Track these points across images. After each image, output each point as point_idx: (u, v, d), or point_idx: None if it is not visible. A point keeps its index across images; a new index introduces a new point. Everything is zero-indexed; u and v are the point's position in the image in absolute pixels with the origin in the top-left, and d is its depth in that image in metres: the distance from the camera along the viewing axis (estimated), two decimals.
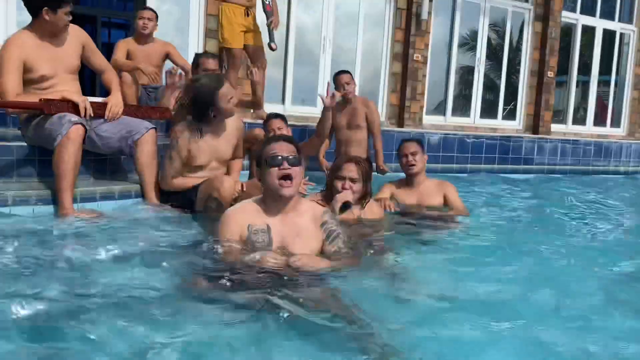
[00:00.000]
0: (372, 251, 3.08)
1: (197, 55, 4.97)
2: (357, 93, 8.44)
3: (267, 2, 5.91)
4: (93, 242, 2.90)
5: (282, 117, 4.78)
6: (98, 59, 3.99)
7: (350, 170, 3.53)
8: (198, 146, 3.74)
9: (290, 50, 8.27)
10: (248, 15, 5.97)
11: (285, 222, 2.74)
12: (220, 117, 3.78)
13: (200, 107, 3.69)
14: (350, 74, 5.77)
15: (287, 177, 2.68)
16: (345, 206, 3.49)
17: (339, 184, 3.52)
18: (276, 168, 2.68)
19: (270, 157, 2.71)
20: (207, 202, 3.57)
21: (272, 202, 2.75)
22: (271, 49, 6.00)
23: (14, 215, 3.31)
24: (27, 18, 3.72)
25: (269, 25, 5.91)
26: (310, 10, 8.55)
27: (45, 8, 3.59)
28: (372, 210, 3.68)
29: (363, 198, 3.61)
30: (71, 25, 3.80)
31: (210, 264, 2.58)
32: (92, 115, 3.72)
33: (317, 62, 8.53)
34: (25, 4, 3.65)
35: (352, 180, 3.51)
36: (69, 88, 3.75)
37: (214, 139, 3.80)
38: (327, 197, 3.56)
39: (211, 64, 4.72)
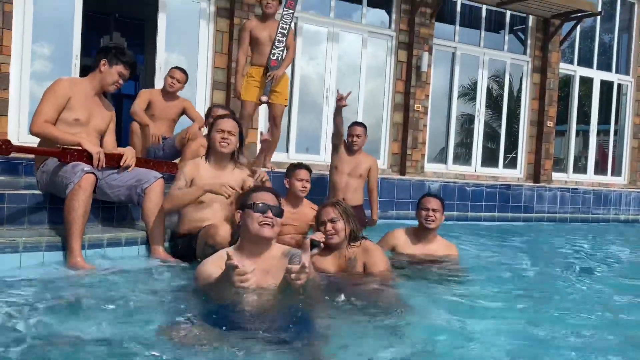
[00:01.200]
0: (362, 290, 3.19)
1: (210, 107, 5.41)
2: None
3: (274, 58, 6.17)
4: (97, 291, 3.02)
5: (309, 169, 4.83)
6: (111, 138, 4.23)
7: (328, 213, 3.65)
8: (204, 179, 3.93)
9: (295, 100, 8.52)
10: (265, 73, 6.23)
11: (257, 262, 2.90)
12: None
13: None
14: (365, 128, 6.00)
15: (268, 224, 2.88)
16: (314, 245, 3.57)
17: (322, 229, 3.63)
18: (260, 214, 2.88)
19: (257, 203, 2.92)
20: (204, 250, 3.69)
21: (249, 244, 2.95)
22: (260, 101, 6.23)
23: (25, 261, 3.44)
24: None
25: (267, 79, 6.15)
26: (314, 62, 8.85)
27: (104, 60, 3.95)
28: (370, 254, 3.64)
29: (353, 238, 3.66)
30: (108, 102, 4.17)
31: (191, 312, 2.68)
32: (104, 166, 3.91)
33: (321, 111, 8.77)
34: (96, 53, 4.04)
35: (332, 221, 3.61)
36: (91, 140, 3.96)
37: (220, 178, 3.96)
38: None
39: (221, 113, 4.93)
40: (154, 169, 4.20)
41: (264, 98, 6.18)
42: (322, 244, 3.60)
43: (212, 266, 2.87)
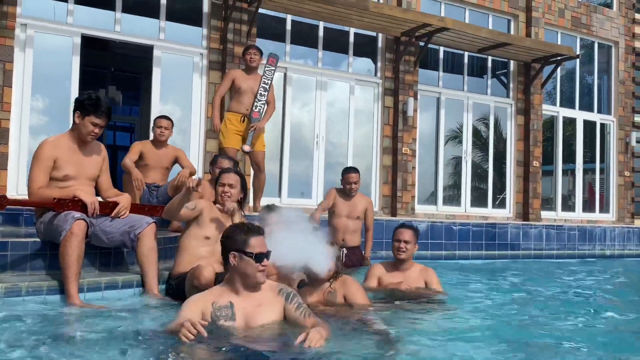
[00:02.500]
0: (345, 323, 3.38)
1: (215, 156, 5.70)
2: None
3: (256, 110, 6.56)
4: (93, 329, 3.20)
5: (358, 172, 5.19)
6: (106, 178, 4.44)
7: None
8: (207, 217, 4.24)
9: (286, 146, 8.81)
10: (244, 121, 6.64)
11: (247, 298, 3.10)
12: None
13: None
14: (359, 173, 6.30)
15: (264, 271, 3.08)
16: (301, 285, 3.80)
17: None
18: (259, 264, 3.06)
19: (257, 254, 3.06)
20: (190, 291, 3.87)
21: (240, 284, 3.11)
22: (244, 151, 6.59)
23: (27, 304, 3.63)
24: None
25: (250, 129, 6.53)
26: (304, 109, 9.18)
27: (78, 112, 4.13)
28: (348, 286, 3.84)
29: (334, 276, 3.85)
30: (98, 142, 4.35)
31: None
32: (98, 214, 4.12)
33: (312, 157, 9.05)
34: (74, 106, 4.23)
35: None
36: (84, 189, 4.17)
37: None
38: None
39: (226, 163, 5.26)
40: (148, 214, 4.42)
41: (247, 148, 6.55)
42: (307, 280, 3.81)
43: (191, 306, 3.06)
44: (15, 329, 3.09)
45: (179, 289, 4.07)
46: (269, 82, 6.70)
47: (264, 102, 6.69)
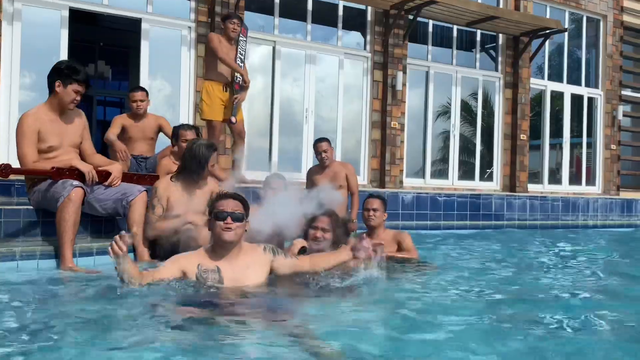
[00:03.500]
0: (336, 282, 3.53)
1: (175, 128, 5.44)
2: (338, 158, 9.03)
3: (237, 82, 6.52)
4: (87, 290, 3.33)
5: (282, 178, 5.18)
6: (88, 144, 4.51)
7: (323, 221, 3.99)
8: (176, 198, 4.29)
9: (275, 120, 8.89)
10: (226, 90, 6.56)
11: (233, 262, 3.26)
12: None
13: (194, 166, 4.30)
14: (328, 141, 6.24)
15: (229, 229, 3.19)
16: (302, 251, 3.93)
17: (311, 232, 3.97)
18: (221, 222, 3.19)
19: (218, 212, 3.22)
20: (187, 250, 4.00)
21: (219, 248, 3.26)
22: (230, 122, 6.56)
23: (21, 267, 3.76)
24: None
25: (233, 101, 6.49)
26: (294, 83, 9.24)
27: (58, 81, 4.14)
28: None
29: (335, 245, 3.99)
30: (76, 109, 4.36)
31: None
32: (97, 181, 4.23)
33: (301, 131, 9.13)
34: (47, 78, 4.22)
35: (324, 230, 3.95)
36: (72, 157, 4.26)
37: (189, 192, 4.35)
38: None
39: (189, 135, 5.19)
40: (137, 182, 4.53)
41: (233, 119, 6.50)
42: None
43: (173, 263, 3.26)
44: (11, 292, 3.21)
45: (172, 251, 4.17)
46: (244, 52, 6.66)
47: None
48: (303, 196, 4.29)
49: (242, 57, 6.60)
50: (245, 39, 6.71)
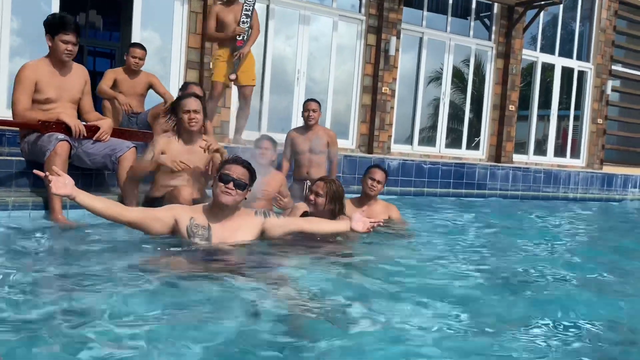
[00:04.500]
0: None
1: (185, 84, 5.73)
2: (328, 121, 9.11)
3: (240, 38, 6.59)
4: (76, 242, 3.46)
5: (272, 140, 5.28)
6: (88, 101, 4.57)
7: (318, 185, 4.12)
8: (174, 155, 4.28)
9: (267, 80, 8.91)
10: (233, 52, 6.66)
11: (225, 225, 3.39)
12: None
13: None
14: (319, 104, 6.27)
15: (228, 193, 3.31)
16: (305, 215, 4.08)
17: (307, 195, 4.14)
18: (223, 184, 3.30)
19: (223, 174, 3.33)
20: None
21: (216, 208, 3.39)
22: (230, 79, 6.66)
23: (14, 217, 3.87)
24: None
25: (234, 57, 6.57)
26: (286, 43, 9.23)
27: (48, 34, 4.20)
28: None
29: (332, 215, 4.10)
30: (80, 65, 4.45)
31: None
32: (85, 136, 4.30)
33: (292, 92, 9.17)
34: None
35: (317, 194, 4.08)
36: (67, 112, 4.32)
37: (190, 153, 4.34)
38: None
39: (197, 89, 5.33)
40: (129, 138, 4.60)
41: (233, 76, 6.60)
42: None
43: (167, 210, 3.41)
44: (4, 241, 3.34)
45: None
46: (251, 8, 6.71)
47: (246, 28, 6.67)
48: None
49: (248, 13, 6.65)
50: None
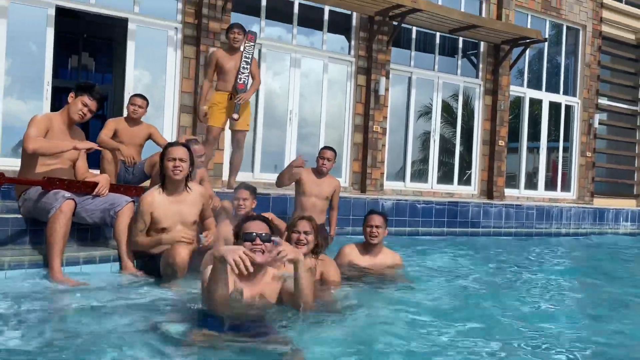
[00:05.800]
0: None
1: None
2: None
3: (241, 82, 6.75)
4: (74, 302, 3.44)
5: (250, 189, 5.30)
6: (83, 163, 4.65)
7: (304, 225, 4.11)
8: (162, 211, 4.26)
9: (259, 122, 8.98)
10: (231, 99, 6.84)
11: (253, 286, 3.26)
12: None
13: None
14: (335, 153, 6.38)
15: (258, 251, 3.23)
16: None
17: (294, 236, 4.10)
18: (250, 243, 3.24)
19: (246, 233, 3.28)
20: (165, 269, 4.11)
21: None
22: (233, 118, 6.83)
23: (10, 277, 3.84)
24: None
25: (236, 100, 6.70)
26: (278, 86, 9.35)
27: (73, 92, 4.45)
28: (326, 266, 4.20)
29: (316, 249, 4.10)
30: (81, 131, 4.62)
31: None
32: (81, 192, 4.35)
33: (284, 133, 9.24)
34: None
35: (306, 233, 4.09)
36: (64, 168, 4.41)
37: (178, 203, 4.33)
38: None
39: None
40: (124, 193, 4.63)
41: (235, 116, 6.77)
42: None
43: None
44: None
45: (152, 265, 4.29)
46: (250, 56, 6.91)
47: (247, 74, 6.87)
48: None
49: (248, 59, 6.85)
50: (252, 43, 6.97)
